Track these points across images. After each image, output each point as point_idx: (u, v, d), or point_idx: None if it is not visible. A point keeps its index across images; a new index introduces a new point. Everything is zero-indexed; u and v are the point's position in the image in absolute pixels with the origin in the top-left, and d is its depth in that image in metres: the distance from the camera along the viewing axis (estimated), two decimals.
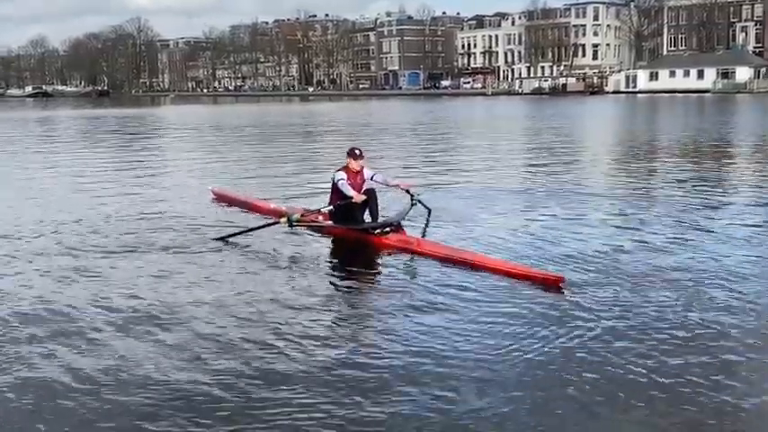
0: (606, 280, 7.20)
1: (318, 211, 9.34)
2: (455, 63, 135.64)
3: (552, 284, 6.95)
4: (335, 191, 9.08)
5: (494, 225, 10.10)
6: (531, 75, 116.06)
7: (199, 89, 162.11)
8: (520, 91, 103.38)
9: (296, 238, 9.28)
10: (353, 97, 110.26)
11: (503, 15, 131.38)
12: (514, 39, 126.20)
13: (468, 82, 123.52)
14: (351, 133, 32.70)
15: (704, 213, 10.80)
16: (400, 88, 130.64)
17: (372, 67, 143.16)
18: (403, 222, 9.05)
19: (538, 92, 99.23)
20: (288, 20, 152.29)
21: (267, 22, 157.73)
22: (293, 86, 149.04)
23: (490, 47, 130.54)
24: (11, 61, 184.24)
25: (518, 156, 21.61)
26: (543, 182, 14.72)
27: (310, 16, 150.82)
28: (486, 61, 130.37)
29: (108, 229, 10.06)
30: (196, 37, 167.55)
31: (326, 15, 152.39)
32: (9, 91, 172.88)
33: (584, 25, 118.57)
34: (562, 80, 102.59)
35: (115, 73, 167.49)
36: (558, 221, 10.30)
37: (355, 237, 8.98)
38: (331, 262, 8.53)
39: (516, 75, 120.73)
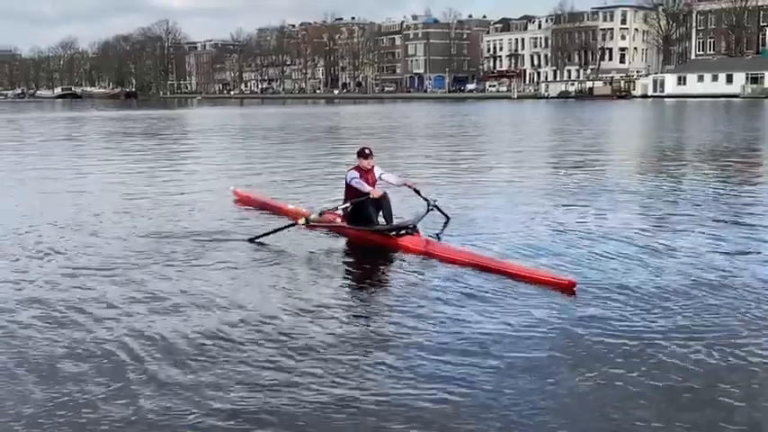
0: (628, 284, 7.21)
1: (335, 210, 9.49)
2: (481, 66, 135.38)
3: (566, 288, 7.00)
4: (350, 190, 9.21)
5: (515, 229, 10.10)
6: (558, 78, 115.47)
7: (226, 91, 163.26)
8: (546, 95, 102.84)
9: (313, 239, 9.41)
10: (379, 100, 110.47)
11: (529, 18, 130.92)
12: (541, 42, 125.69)
13: (494, 85, 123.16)
14: (381, 136, 32.77)
15: (734, 219, 10.71)
16: (425, 91, 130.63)
17: (398, 70, 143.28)
18: (419, 225, 9.13)
19: (564, 95, 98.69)
20: (314, 23, 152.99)
21: (294, 25, 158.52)
22: (319, 89, 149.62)
23: (516, 50, 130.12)
24: (41, 62, 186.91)
25: (543, 160, 21.51)
26: (569, 186, 14.66)
27: (337, 19, 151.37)
28: (512, 64, 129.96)
29: (132, 229, 10.30)
30: (224, 39, 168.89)
31: (353, 18, 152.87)
32: (39, 92, 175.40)
33: (612, 29, 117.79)
34: (589, 84, 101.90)
35: (143, 75, 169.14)
36: (580, 225, 10.24)
37: (371, 238, 9.08)
38: (347, 264, 8.66)
39: (542, 78, 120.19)
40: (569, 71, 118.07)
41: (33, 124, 49.32)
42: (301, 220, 9.22)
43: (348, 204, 9.23)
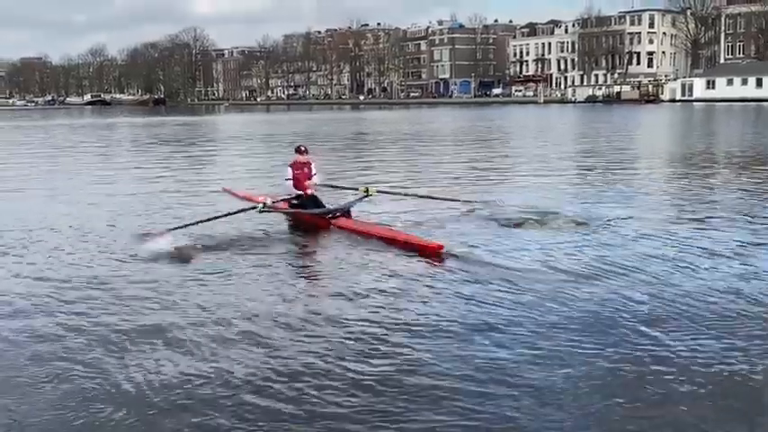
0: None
1: (284, 200, 11.37)
2: (507, 71, 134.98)
3: (434, 251, 8.76)
4: (291, 187, 11.25)
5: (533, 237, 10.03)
6: (585, 83, 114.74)
7: (252, 98, 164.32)
8: (573, 99, 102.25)
9: (266, 221, 11.10)
10: (404, 105, 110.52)
11: (556, 23, 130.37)
12: (567, 46, 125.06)
13: (520, 90, 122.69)
14: (410, 142, 32.74)
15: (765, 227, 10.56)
16: (451, 96, 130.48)
17: (423, 76, 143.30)
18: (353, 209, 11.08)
19: (591, 100, 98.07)
20: (340, 29, 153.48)
21: (320, 31, 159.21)
22: (344, 95, 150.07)
23: (543, 54, 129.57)
24: (71, 70, 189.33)
25: (568, 164, 21.31)
26: (593, 192, 14.53)
27: (362, 25, 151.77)
28: (539, 69, 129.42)
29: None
30: (250, 46, 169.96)
31: (378, 24, 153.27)
32: (68, 99, 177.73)
33: (640, 33, 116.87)
34: (616, 88, 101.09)
35: (171, 82, 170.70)
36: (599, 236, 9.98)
37: (311, 220, 11.02)
38: (290, 240, 10.60)
39: (569, 83, 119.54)
40: (596, 75, 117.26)
41: (65, 131, 49.96)
42: (259, 206, 10.86)
43: (294, 195, 11.22)
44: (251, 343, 5.91)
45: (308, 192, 11.17)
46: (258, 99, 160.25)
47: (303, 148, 11.40)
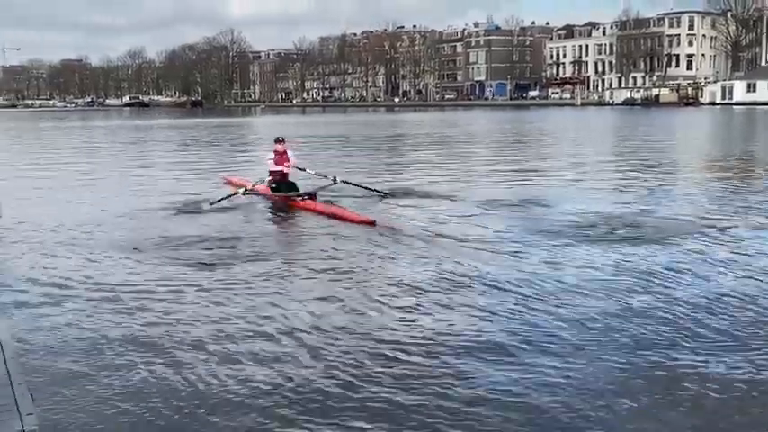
0: None
1: (262, 184, 13.99)
2: (543, 73, 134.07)
3: (370, 224, 11.12)
4: (272, 173, 13.95)
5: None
6: (622, 85, 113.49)
7: (288, 100, 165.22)
8: (610, 102, 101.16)
9: (255, 201, 13.91)
10: (439, 108, 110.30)
11: (593, 25, 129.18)
12: (605, 49, 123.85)
13: (557, 92, 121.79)
14: (451, 144, 32.66)
15: None
16: (486, 99, 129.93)
17: (459, 78, 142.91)
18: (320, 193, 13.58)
19: (629, 103, 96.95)
20: (376, 31, 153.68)
21: (356, 34, 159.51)
22: (379, 97, 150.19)
23: (580, 57, 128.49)
24: (110, 72, 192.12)
25: (604, 169, 21.03)
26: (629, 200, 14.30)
27: (398, 27, 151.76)
28: (576, 71, 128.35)
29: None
30: (286, 49, 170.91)
31: (414, 26, 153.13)
32: (107, 101, 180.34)
33: (679, 35, 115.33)
34: (655, 91, 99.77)
35: (208, 84, 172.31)
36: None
37: (284, 200, 13.52)
38: (266, 217, 12.93)
39: (606, 85, 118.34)
40: (634, 78, 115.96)
41: (108, 131, 50.69)
42: (241, 190, 13.74)
43: (271, 180, 13.84)
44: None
45: (287, 170, 13.94)
46: (294, 101, 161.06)
47: (281, 139, 14.31)
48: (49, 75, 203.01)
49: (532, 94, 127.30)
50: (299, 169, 14.52)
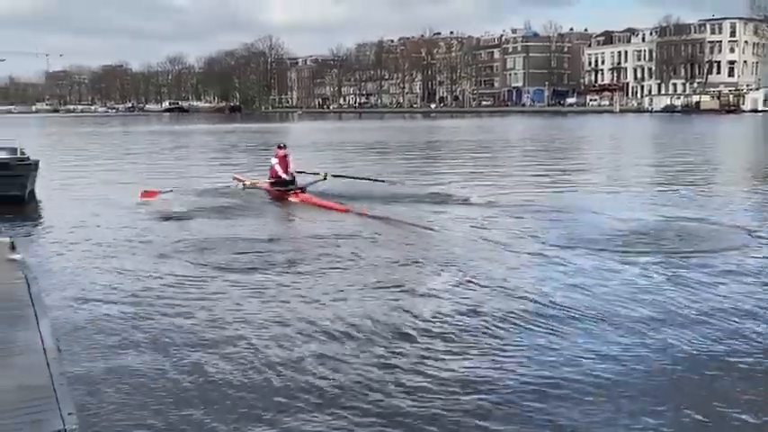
0: None
1: (264, 182, 16.40)
2: (581, 80, 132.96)
3: (344, 211, 13.51)
4: (272, 170, 16.17)
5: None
6: (662, 92, 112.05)
7: (325, 106, 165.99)
8: (650, 108, 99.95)
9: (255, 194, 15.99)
10: (476, 114, 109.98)
11: (633, 31, 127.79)
12: (644, 55, 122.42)
13: (595, 99, 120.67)
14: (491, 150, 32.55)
15: None
16: (524, 105, 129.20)
17: (496, 84, 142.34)
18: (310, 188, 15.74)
19: (669, 110, 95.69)
20: (413, 37, 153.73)
21: (393, 40, 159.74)
22: (416, 103, 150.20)
23: (619, 63, 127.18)
24: (150, 77, 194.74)
25: (644, 177, 20.80)
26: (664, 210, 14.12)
27: (435, 33, 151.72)
28: (615, 78, 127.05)
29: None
30: (324, 55, 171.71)
31: (451, 33, 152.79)
32: (147, 106, 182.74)
33: (720, 41, 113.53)
34: (695, 98, 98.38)
35: (247, 90, 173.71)
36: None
37: (280, 194, 15.73)
38: (266, 204, 15.26)
39: (646, 92, 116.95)
40: (674, 85, 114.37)
41: (155, 136, 51.44)
42: (241, 185, 16.23)
43: (271, 180, 16.09)
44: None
45: (289, 173, 16.02)
46: (330, 107, 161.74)
47: (283, 145, 16.71)
48: (91, 80, 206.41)
49: (570, 100, 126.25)
50: (300, 172, 16.63)
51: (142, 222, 12.73)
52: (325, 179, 16.24)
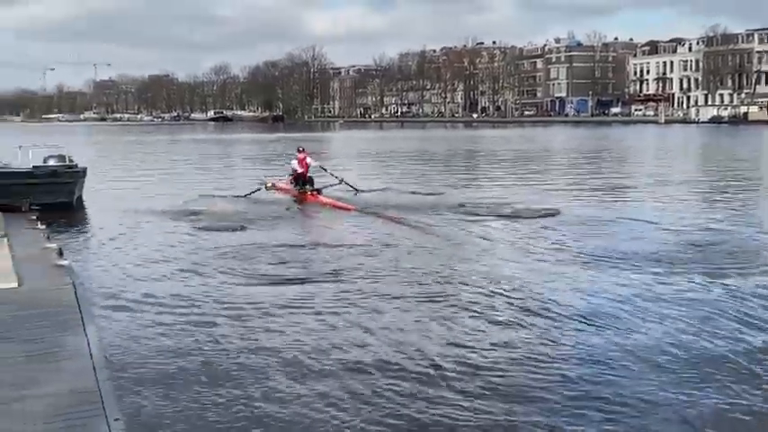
0: None
1: (284, 182, 18.73)
2: (626, 89, 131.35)
3: (350, 210, 15.46)
4: (293, 171, 18.31)
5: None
6: (709, 103, 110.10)
7: (366, 115, 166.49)
8: (696, 119, 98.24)
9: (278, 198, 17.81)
10: (518, 124, 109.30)
11: (679, 41, 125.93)
12: (691, 65, 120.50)
13: (640, 109, 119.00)
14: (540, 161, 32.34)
15: None
16: (567, 115, 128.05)
17: (539, 94, 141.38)
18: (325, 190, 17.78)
19: (716, 120, 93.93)
20: (455, 47, 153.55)
21: (435, 50, 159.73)
22: (457, 113, 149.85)
23: (664, 73, 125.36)
24: (195, 87, 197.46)
25: (689, 189, 20.41)
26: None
27: (478, 43, 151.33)
28: (660, 88, 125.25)
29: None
30: (366, 65, 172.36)
31: (494, 43, 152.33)
32: (193, 115, 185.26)
33: None
34: (743, 109, 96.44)
35: (290, 99, 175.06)
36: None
37: (298, 194, 17.74)
38: (285, 206, 16.84)
39: (692, 102, 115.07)
40: (721, 95, 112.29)
41: (202, 145, 52.12)
42: (263, 187, 18.41)
43: (291, 179, 18.25)
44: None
45: (308, 174, 18.11)
46: (372, 116, 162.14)
47: (302, 148, 19.07)
48: (138, 90, 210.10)
49: (615, 110, 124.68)
50: (323, 169, 19.19)
51: (186, 229, 12.91)
52: (340, 183, 18.58)
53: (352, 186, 18.54)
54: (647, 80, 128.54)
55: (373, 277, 9.02)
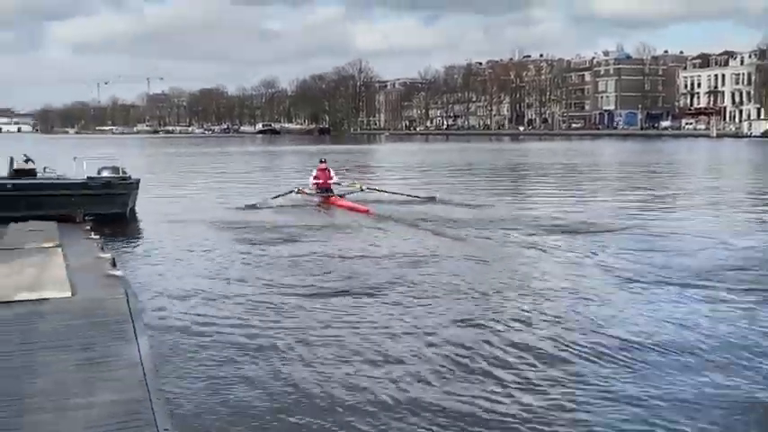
0: None
1: (307, 188, 20.60)
2: (676, 103, 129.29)
3: (365, 212, 17.07)
4: (316, 179, 20.51)
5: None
6: (762, 117, 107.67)
7: (412, 128, 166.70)
8: (748, 133, 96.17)
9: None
10: (565, 137, 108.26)
11: (731, 54, 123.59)
12: (743, 78, 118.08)
13: (691, 123, 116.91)
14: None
15: None
16: (615, 128, 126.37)
17: (586, 107, 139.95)
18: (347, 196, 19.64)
19: None
20: (501, 60, 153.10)
21: (481, 63, 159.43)
22: (503, 125, 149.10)
23: (715, 86, 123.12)
24: (244, 100, 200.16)
25: (743, 206, 19.92)
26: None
27: (524, 56, 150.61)
28: (711, 101, 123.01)
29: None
30: (412, 78, 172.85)
31: (541, 55, 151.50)
32: (242, 128, 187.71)
33: None
34: None
35: (336, 112, 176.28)
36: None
37: (323, 198, 19.81)
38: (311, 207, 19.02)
39: (744, 116, 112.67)
40: None
41: (256, 157, 52.78)
42: (294, 191, 20.31)
43: (314, 185, 20.45)
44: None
45: (329, 183, 20.29)
46: (417, 129, 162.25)
47: (323, 160, 21.51)
48: (189, 103, 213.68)
49: (664, 124, 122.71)
50: (336, 183, 20.68)
51: (235, 240, 13.05)
52: (361, 190, 20.24)
53: (375, 189, 20.82)
54: (697, 93, 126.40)
55: (426, 293, 8.95)
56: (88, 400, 4.65)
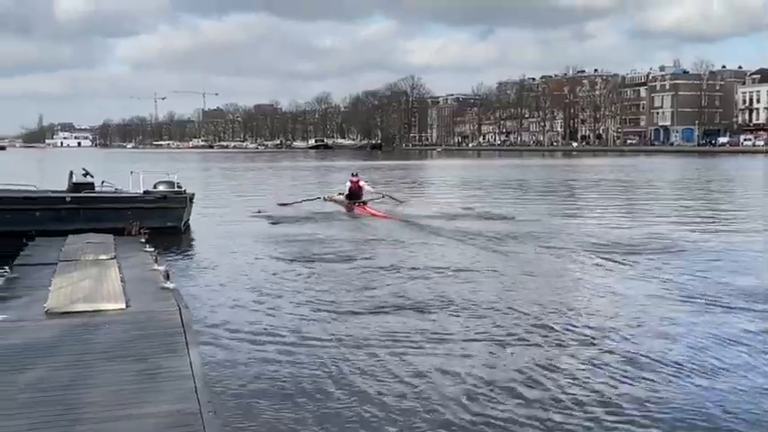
0: None
1: (339, 195, 23.31)
2: (735, 119, 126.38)
3: (392, 218, 19.56)
4: (348, 189, 22.96)
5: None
6: None
7: (464, 143, 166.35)
8: None
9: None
10: (620, 153, 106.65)
11: None
12: None
13: (749, 139, 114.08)
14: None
15: None
16: (671, 144, 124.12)
17: (642, 123, 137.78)
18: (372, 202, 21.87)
19: None
20: (555, 75, 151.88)
21: (534, 79, 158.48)
22: (557, 141, 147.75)
23: None
24: (298, 115, 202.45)
25: None
26: None
27: (578, 72, 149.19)
28: None
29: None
30: (464, 93, 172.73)
31: (595, 71, 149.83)
32: (294, 143, 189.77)
33: None
34: None
35: (388, 127, 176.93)
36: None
37: (350, 204, 22.11)
38: (338, 212, 20.86)
39: None
40: None
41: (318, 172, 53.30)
42: (321, 198, 23.24)
43: (346, 193, 22.91)
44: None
45: (357, 189, 22.61)
46: (469, 145, 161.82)
47: (355, 173, 23.86)
48: (243, 118, 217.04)
49: (722, 140, 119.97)
50: (370, 190, 23.27)
51: (285, 254, 13.15)
52: (383, 197, 23.29)
53: (395, 199, 23.41)
54: (756, 109, 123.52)
55: (477, 312, 8.88)
56: (141, 411, 4.71)
